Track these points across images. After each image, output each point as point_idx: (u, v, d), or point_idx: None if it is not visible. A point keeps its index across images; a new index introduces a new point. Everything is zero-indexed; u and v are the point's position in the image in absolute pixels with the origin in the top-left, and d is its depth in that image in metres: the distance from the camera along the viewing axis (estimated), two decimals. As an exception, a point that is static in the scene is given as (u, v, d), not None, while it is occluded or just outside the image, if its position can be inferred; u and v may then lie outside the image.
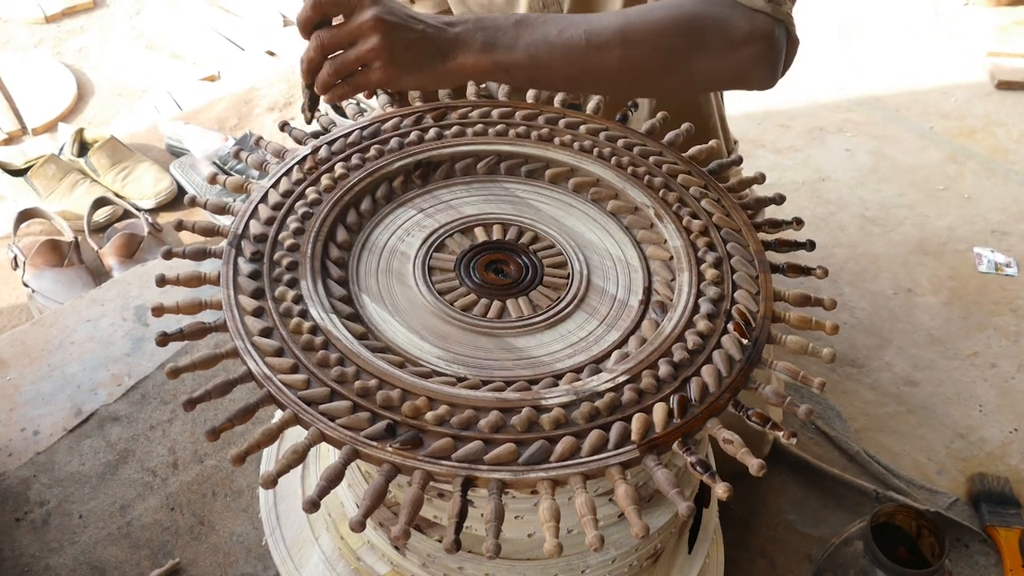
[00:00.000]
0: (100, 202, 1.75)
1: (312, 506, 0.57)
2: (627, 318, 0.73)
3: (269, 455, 0.95)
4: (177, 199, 1.84)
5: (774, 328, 0.71)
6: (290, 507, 0.91)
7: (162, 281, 0.72)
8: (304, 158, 0.82)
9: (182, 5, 2.62)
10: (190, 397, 0.63)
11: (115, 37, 2.49)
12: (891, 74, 2.22)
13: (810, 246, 0.80)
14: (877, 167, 1.93)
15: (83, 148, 1.86)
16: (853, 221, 1.78)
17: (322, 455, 0.88)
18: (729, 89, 0.95)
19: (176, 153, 1.94)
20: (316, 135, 0.86)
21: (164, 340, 0.67)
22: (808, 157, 1.96)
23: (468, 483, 0.59)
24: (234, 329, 0.67)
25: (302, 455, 0.61)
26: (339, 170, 0.81)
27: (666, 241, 0.78)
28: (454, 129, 0.87)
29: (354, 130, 0.86)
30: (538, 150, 0.86)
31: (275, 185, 0.80)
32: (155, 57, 2.41)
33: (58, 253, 1.62)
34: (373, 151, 0.83)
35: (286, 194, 0.79)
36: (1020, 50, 2.24)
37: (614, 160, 0.85)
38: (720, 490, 0.58)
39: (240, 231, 0.75)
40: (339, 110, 1.82)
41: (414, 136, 0.85)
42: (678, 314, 0.71)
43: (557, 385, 0.66)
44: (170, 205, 1.83)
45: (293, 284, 0.71)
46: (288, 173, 0.81)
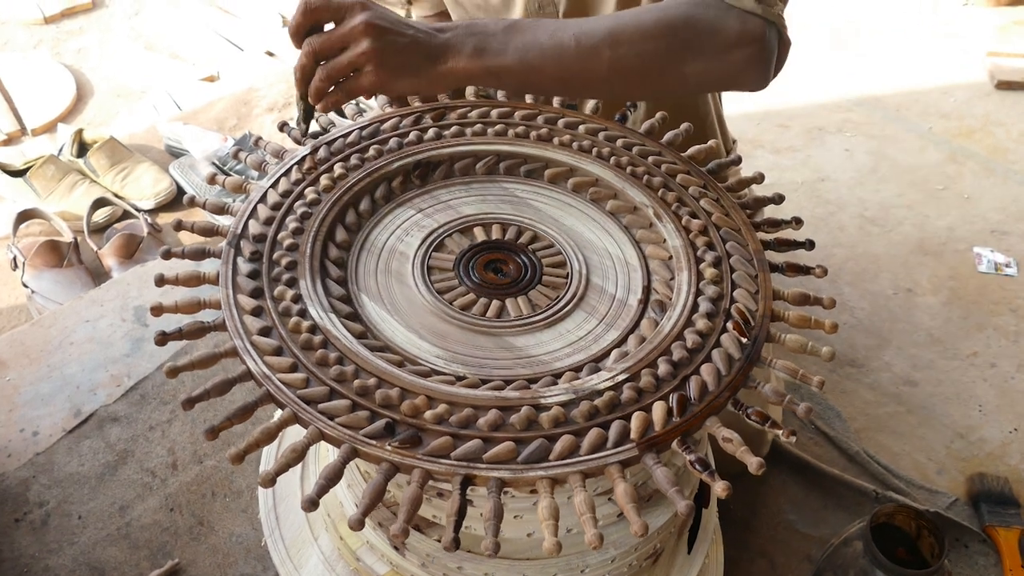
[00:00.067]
0: (99, 203, 1.75)
1: (311, 504, 0.57)
2: (626, 317, 0.73)
3: (268, 455, 0.95)
4: (176, 199, 1.84)
5: (773, 327, 0.71)
6: (289, 508, 0.91)
7: (161, 281, 0.72)
8: (303, 158, 0.82)
9: (181, 6, 2.62)
10: (189, 396, 0.63)
11: (114, 38, 2.49)
12: (890, 74, 2.22)
13: (809, 245, 0.80)
14: (876, 167, 1.93)
15: (82, 149, 1.86)
16: (852, 221, 1.78)
17: (321, 455, 0.88)
18: (722, 91, 0.95)
19: (175, 154, 1.95)
20: (315, 135, 0.86)
21: (163, 339, 0.67)
22: (807, 157, 1.96)
23: (467, 481, 0.59)
24: (233, 328, 0.67)
25: (301, 454, 0.61)
26: (338, 170, 0.81)
27: (665, 240, 0.78)
28: (453, 129, 0.87)
29: (353, 130, 0.86)
30: (537, 150, 0.86)
31: (274, 185, 0.80)
32: (154, 58, 2.41)
33: (57, 254, 1.62)
34: (372, 151, 0.83)
35: (285, 194, 0.79)
36: (1019, 50, 2.24)
37: (613, 160, 0.85)
38: (719, 488, 0.58)
39: (239, 231, 0.75)
40: (338, 110, 1.82)
41: (413, 136, 0.85)
42: (677, 313, 0.71)
43: (556, 384, 0.66)
44: (169, 205, 1.83)
45: (292, 283, 0.71)
46: (287, 173, 0.81)
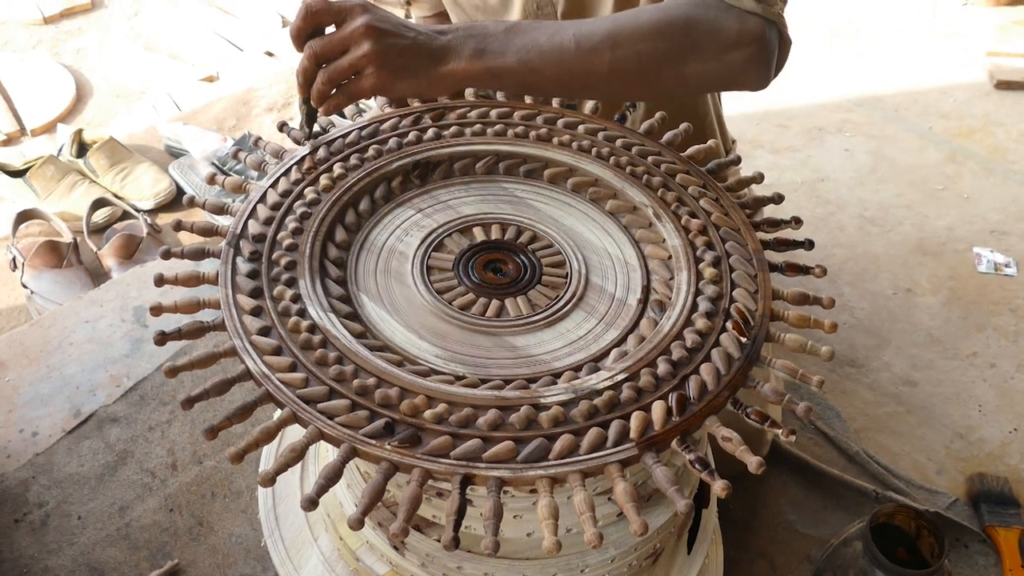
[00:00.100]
0: (99, 203, 1.75)
1: (311, 504, 0.57)
2: (626, 317, 0.73)
3: (268, 455, 0.95)
4: (176, 200, 1.84)
5: (773, 326, 0.71)
6: (289, 508, 0.91)
7: (160, 281, 0.72)
8: (303, 158, 0.82)
9: (181, 6, 2.62)
10: (188, 396, 0.63)
11: (113, 38, 2.49)
12: (890, 74, 2.22)
13: (808, 245, 0.80)
14: (876, 167, 1.93)
15: (82, 149, 1.86)
16: (852, 221, 1.78)
17: (321, 455, 0.88)
18: (722, 91, 0.95)
19: (175, 154, 1.94)
20: (315, 135, 0.86)
21: (162, 339, 0.67)
22: (807, 157, 1.96)
23: (467, 481, 0.59)
24: (232, 328, 0.67)
25: (301, 453, 0.61)
26: (337, 170, 0.81)
27: (665, 240, 0.78)
28: (452, 129, 0.87)
29: (352, 130, 0.86)
30: (536, 150, 0.86)
31: (274, 185, 0.80)
32: (154, 58, 2.41)
33: (57, 254, 1.62)
34: (371, 151, 0.83)
35: (285, 194, 0.79)
36: (1019, 50, 2.24)
37: (612, 160, 0.85)
38: (719, 488, 0.58)
39: (239, 231, 0.75)
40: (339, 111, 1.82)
41: (412, 136, 0.85)
42: (677, 312, 0.71)
43: (556, 383, 0.66)
44: (169, 206, 1.83)
45: (291, 283, 0.71)
46: (287, 173, 0.81)
